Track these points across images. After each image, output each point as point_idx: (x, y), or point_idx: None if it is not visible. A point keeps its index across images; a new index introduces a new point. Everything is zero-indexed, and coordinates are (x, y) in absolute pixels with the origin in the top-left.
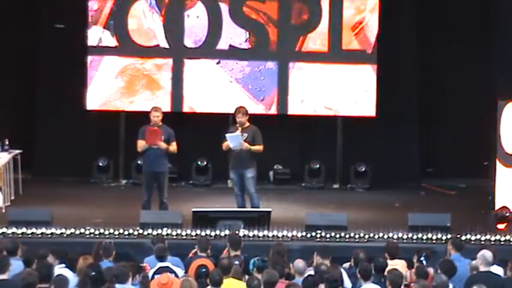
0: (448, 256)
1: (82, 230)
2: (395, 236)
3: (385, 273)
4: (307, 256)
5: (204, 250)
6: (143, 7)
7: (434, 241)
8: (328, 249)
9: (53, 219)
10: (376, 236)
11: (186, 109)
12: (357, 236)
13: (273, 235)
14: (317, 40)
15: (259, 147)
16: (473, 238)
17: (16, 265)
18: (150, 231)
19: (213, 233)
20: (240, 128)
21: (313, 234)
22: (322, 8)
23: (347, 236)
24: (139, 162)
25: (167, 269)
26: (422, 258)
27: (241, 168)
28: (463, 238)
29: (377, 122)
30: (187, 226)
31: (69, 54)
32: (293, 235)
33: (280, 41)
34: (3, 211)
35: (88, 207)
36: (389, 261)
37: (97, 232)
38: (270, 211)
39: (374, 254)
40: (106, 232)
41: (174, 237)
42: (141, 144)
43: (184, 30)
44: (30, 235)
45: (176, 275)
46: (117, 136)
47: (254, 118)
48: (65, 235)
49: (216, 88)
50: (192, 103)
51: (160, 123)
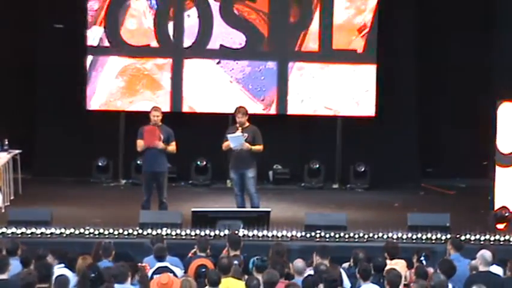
0: (448, 256)
1: (81, 230)
2: (394, 236)
3: (384, 273)
4: (306, 256)
5: (204, 250)
6: (143, 7)
7: (433, 241)
8: (327, 249)
9: (53, 219)
10: (375, 236)
11: (186, 109)
12: (357, 236)
13: (273, 235)
14: (317, 40)
15: (259, 147)
16: (472, 238)
17: (14, 265)
18: (150, 231)
19: (213, 233)
20: (240, 128)
21: (312, 234)
22: (315, 8)
23: (346, 236)
24: (138, 162)
25: (166, 269)
26: (422, 258)
27: (241, 168)
28: (463, 238)
29: (376, 122)
30: (186, 226)
31: (69, 54)
32: (292, 235)
33: (277, 41)
34: (2, 211)
35: (87, 207)
36: (389, 261)
37: (96, 232)
38: (270, 211)
39: (373, 254)
40: (105, 232)
41: (174, 237)
42: (141, 144)
43: (184, 30)
44: (29, 235)
45: (175, 275)
46: (116, 136)
47: (254, 118)
48: (65, 235)
49: (216, 88)
50: (192, 103)
51: (160, 123)
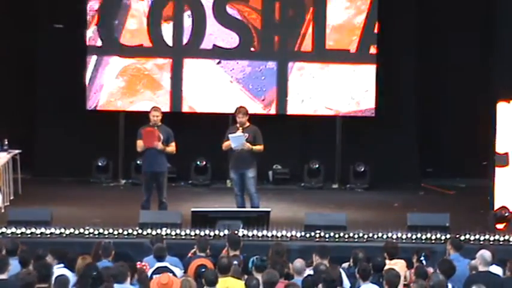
0: (447, 256)
1: (81, 230)
2: (394, 236)
3: (383, 273)
4: (306, 256)
5: (203, 250)
6: (144, 7)
7: (433, 241)
8: (327, 249)
9: (52, 219)
10: (375, 236)
11: (186, 109)
12: (356, 236)
13: (272, 235)
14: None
15: (260, 147)
16: (472, 238)
17: (13, 265)
18: (150, 231)
19: (212, 233)
20: (241, 128)
21: (312, 234)
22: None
23: (346, 236)
24: (138, 162)
25: (166, 269)
26: (422, 258)
27: (242, 168)
28: (462, 238)
29: (376, 122)
30: (186, 226)
31: (69, 54)
32: (292, 235)
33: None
34: (2, 211)
35: (87, 207)
36: (388, 261)
37: (96, 232)
38: (269, 211)
39: (373, 254)
40: (105, 232)
41: (173, 237)
42: (140, 144)
43: (183, 30)
44: (29, 235)
45: (175, 275)
46: (116, 136)
47: (254, 118)
48: (64, 235)
49: (216, 88)
50: (192, 103)
51: (159, 123)
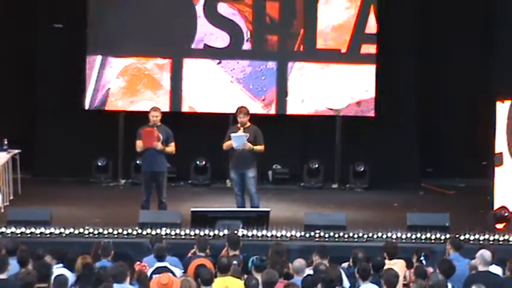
0: (447, 256)
1: (81, 230)
2: (394, 236)
3: (382, 273)
4: (306, 256)
5: (203, 250)
6: (144, 7)
7: (433, 241)
8: (327, 249)
9: (52, 219)
10: (374, 236)
11: (186, 109)
12: (356, 236)
13: (272, 235)
14: (319, 40)
15: (261, 147)
16: (472, 238)
17: (12, 265)
18: (149, 231)
19: (212, 233)
20: (242, 128)
21: (312, 234)
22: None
23: (346, 236)
24: (138, 162)
25: (165, 269)
26: (422, 258)
27: (242, 168)
28: (462, 238)
29: (376, 122)
30: (186, 226)
31: (69, 54)
32: (292, 235)
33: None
34: (2, 211)
35: (87, 207)
36: (388, 261)
37: (96, 232)
38: (269, 211)
39: (373, 254)
40: (105, 232)
41: (173, 237)
42: (140, 144)
43: (183, 30)
44: (29, 235)
45: (174, 275)
46: (116, 136)
47: (254, 118)
48: (64, 235)
49: (217, 88)
50: (192, 103)
51: (159, 123)
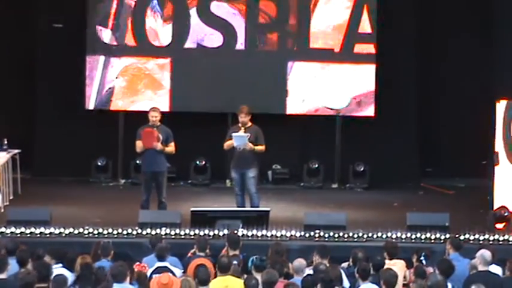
0: (447, 256)
1: (81, 230)
2: (393, 236)
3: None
4: (305, 256)
5: (203, 250)
6: (145, 7)
7: (432, 241)
8: (327, 249)
9: (52, 218)
10: (374, 236)
11: (186, 109)
12: (356, 236)
13: (272, 235)
14: (319, 40)
15: (262, 147)
16: (471, 238)
17: (11, 264)
18: (149, 230)
19: (212, 233)
20: (243, 128)
21: (311, 233)
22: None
23: (346, 236)
24: (138, 162)
25: (165, 269)
26: (422, 258)
27: (243, 167)
28: (462, 238)
29: (376, 122)
30: (185, 226)
31: (69, 54)
32: (292, 235)
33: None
34: (2, 211)
35: (87, 207)
36: (388, 261)
37: (96, 232)
38: (269, 211)
39: (373, 254)
40: (105, 232)
41: (173, 236)
42: (140, 145)
43: (183, 30)
44: (28, 235)
45: (174, 275)
46: (116, 136)
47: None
48: (64, 235)
49: (217, 88)
50: (192, 103)
51: (158, 123)
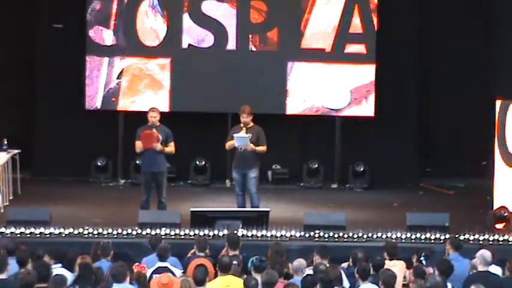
0: (447, 256)
1: (80, 230)
2: (393, 236)
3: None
4: (305, 256)
5: (203, 250)
6: (145, 7)
7: (432, 241)
8: (327, 249)
9: (52, 219)
10: (374, 236)
11: (186, 109)
12: (356, 236)
13: (272, 235)
14: (319, 40)
15: (263, 148)
16: (471, 238)
17: (11, 265)
18: (149, 231)
19: (212, 233)
20: (245, 128)
21: (311, 234)
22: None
23: (345, 236)
24: (137, 162)
25: (165, 269)
26: (422, 258)
27: (245, 168)
28: (462, 238)
29: (375, 122)
30: (185, 226)
31: (69, 54)
32: (292, 235)
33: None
34: (1, 211)
35: (87, 207)
36: (388, 261)
37: (95, 232)
38: (269, 211)
39: (372, 254)
40: (104, 232)
41: (173, 237)
42: (139, 145)
43: (183, 30)
44: (28, 235)
45: (174, 275)
46: (115, 136)
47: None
48: (64, 235)
49: (217, 88)
50: (192, 103)
51: (158, 123)
